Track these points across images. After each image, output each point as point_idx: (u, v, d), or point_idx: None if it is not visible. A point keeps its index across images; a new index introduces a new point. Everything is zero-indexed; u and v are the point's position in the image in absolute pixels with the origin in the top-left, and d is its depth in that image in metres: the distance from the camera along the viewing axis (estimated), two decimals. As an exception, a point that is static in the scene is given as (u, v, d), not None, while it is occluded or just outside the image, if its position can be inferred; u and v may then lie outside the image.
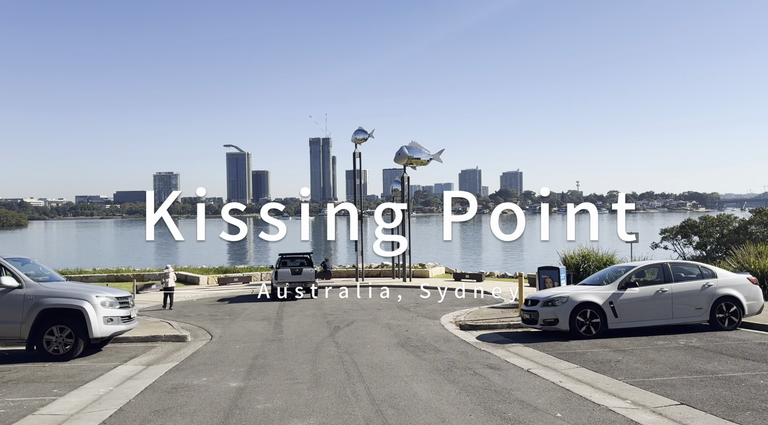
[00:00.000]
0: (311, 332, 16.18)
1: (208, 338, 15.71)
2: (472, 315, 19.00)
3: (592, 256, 22.42)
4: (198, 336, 16.22)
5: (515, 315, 18.58)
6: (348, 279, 36.67)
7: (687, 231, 52.62)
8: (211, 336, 15.95)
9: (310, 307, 23.18)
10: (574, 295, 14.50)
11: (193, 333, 16.65)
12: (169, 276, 24.26)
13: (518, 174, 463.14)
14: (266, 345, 13.95)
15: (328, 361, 11.71)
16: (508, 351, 12.91)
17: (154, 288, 32.28)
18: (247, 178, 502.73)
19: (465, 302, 24.25)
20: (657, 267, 15.33)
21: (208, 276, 36.48)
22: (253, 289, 31.44)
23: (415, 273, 36.39)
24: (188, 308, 24.05)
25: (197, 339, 15.63)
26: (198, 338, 15.79)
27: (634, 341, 13.50)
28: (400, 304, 23.54)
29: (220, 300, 27.44)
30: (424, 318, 19.12)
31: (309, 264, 28.53)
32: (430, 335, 15.38)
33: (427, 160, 36.11)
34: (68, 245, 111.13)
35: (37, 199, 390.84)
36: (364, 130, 37.11)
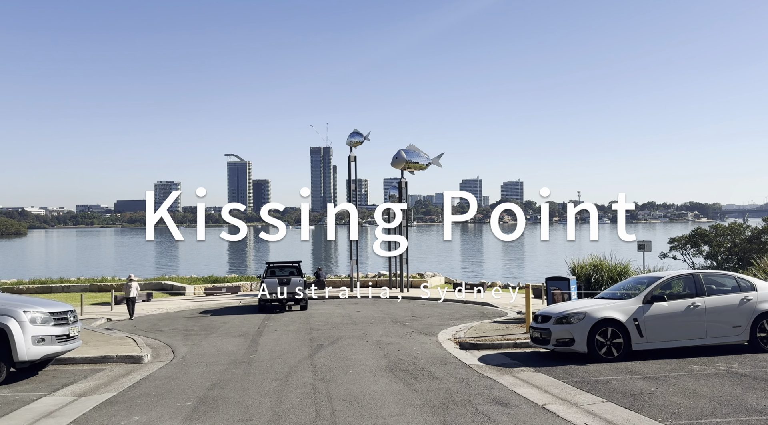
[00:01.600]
0: (289, 351, 14.14)
1: (170, 359, 13.66)
2: (473, 331, 16.96)
3: (604, 266, 20.34)
4: (159, 355, 14.18)
5: (521, 331, 16.54)
6: (342, 289, 34.57)
7: (697, 241, 50.55)
8: (174, 357, 13.90)
9: (296, 321, 21.15)
10: (592, 311, 12.44)
11: (155, 352, 14.62)
12: (132, 286, 23.50)
13: (519, 183, 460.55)
14: (231, 370, 11.91)
15: (297, 393, 9.65)
16: (517, 378, 10.85)
17: (137, 299, 30.29)
18: (248, 187, 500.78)
19: (465, 315, 22.22)
20: (687, 278, 13.26)
21: (194, 286, 34.47)
22: (240, 300, 29.52)
23: (413, 284, 34.33)
24: (165, 321, 22.06)
25: (157, 359, 13.58)
26: (158, 358, 13.74)
27: (664, 365, 11.44)
28: (394, 317, 21.51)
29: (203, 312, 25.43)
30: (420, 334, 17.07)
31: (298, 274, 26.51)
32: (424, 356, 13.33)
33: (426, 165, 34.10)
34: (61, 254, 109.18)
35: (38, 208, 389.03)
36: (360, 133, 35.17)
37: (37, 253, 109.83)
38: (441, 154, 35.02)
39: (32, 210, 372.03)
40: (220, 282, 37.22)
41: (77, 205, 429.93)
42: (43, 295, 33.05)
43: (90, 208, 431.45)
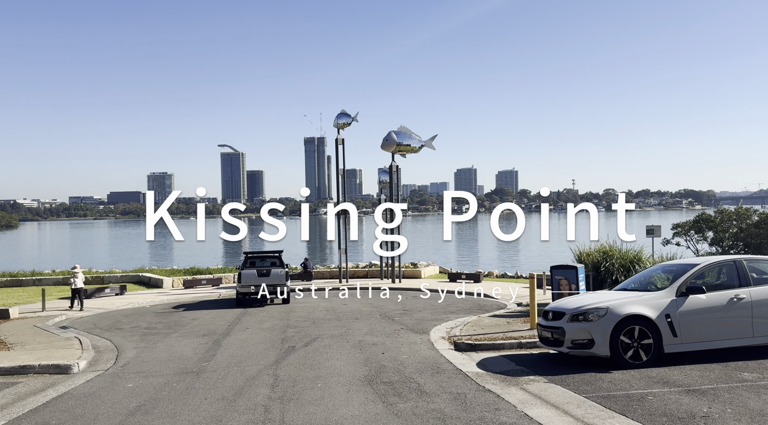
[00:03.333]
0: (252, 356, 11.94)
1: (107, 367, 11.43)
2: (471, 327, 14.81)
3: (614, 253, 18.14)
4: (98, 362, 11.96)
5: (525, 327, 14.39)
6: (331, 280, 32.43)
7: (701, 226, 48.63)
8: (114, 364, 11.68)
9: (274, 316, 18.99)
10: (616, 306, 10.26)
11: (96, 357, 12.41)
12: (77, 277, 22.29)
13: (514, 172, 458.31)
14: (173, 383, 9.69)
15: (241, 421, 7.45)
16: (526, 391, 8.69)
17: (108, 293, 28.17)
18: (242, 177, 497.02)
19: (461, 307, 20.11)
20: (727, 265, 11.06)
21: (173, 279, 32.23)
22: (220, 293, 27.35)
23: (406, 274, 32.17)
24: (131, 317, 19.90)
25: (92, 368, 11.36)
26: (94, 366, 11.52)
27: (706, 373, 9.31)
28: (383, 311, 19.37)
29: (177, 306, 23.28)
30: (410, 331, 14.90)
31: (280, 265, 24.26)
32: (413, 360, 11.16)
33: (418, 147, 31.76)
34: (46, 246, 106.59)
35: (31, 200, 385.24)
36: (347, 114, 32.80)
37: (21, 246, 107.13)
38: (434, 136, 32.71)
39: (25, 202, 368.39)
40: (202, 273, 34.97)
41: (70, 197, 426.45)
42: (12, 289, 30.80)
43: (83, 199, 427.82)
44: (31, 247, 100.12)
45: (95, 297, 27.19)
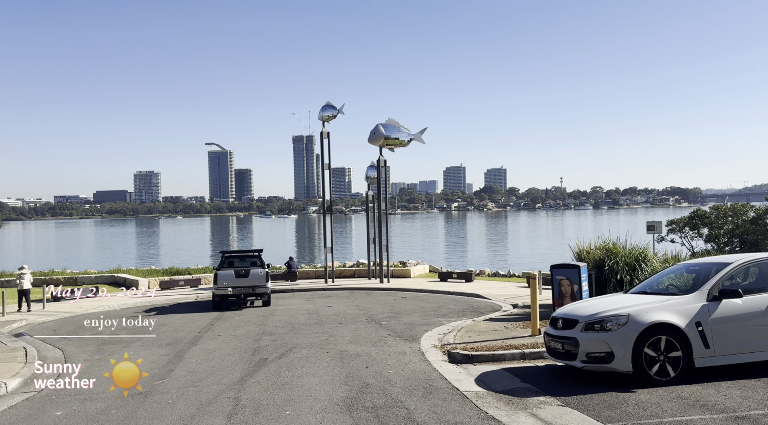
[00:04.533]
0: (216, 372, 10.35)
1: (44, 385, 9.77)
2: (465, 333, 13.31)
3: (618, 250, 16.60)
4: (38, 378, 10.22)
5: (525, 333, 12.93)
6: (317, 280, 30.83)
7: (696, 223, 47.61)
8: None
9: (250, 321, 17.41)
10: (638, 313, 8.78)
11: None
12: (24, 278, 21.57)
13: (502, 170, 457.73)
14: (113, 409, 8.09)
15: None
16: (538, 418, 7.18)
17: (79, 295, 26.41)
18: (230, 176, 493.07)
19: (453, 309, 18.64)
20: (763, 264, 9.63)
21: (149, 279, 30.49)
22: (198, 295, 25.68)
23: (394, 273, 30.65)
24: (95, 322, 18.02)
25: (25, 387, 9.68)
26: (27, 386, 9.83)
27: (749, 391, 7.85)
28: (370, 314, 17.86)
29: (149, 310, 21.69)
30: (398, 338, 13.38)
31: (259, 265, 22.61)
32: (402, 376, 9.62)
33: (407, 141, 30.17)
34: (25, 246, 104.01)
35: (15, 200, 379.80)
36: (333, 106, 31.15)
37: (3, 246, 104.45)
38: (424, 130, 31.17)
39: (8, 201, 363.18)
40: (181, 274, 33.25)
41: (55, 196, 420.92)
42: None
43: (69, 198, 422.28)
44: (6, 247, 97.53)
45: (64, 299, 25.44)
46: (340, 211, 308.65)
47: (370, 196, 32.90)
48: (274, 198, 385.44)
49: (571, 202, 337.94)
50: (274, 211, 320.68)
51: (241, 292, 21.24)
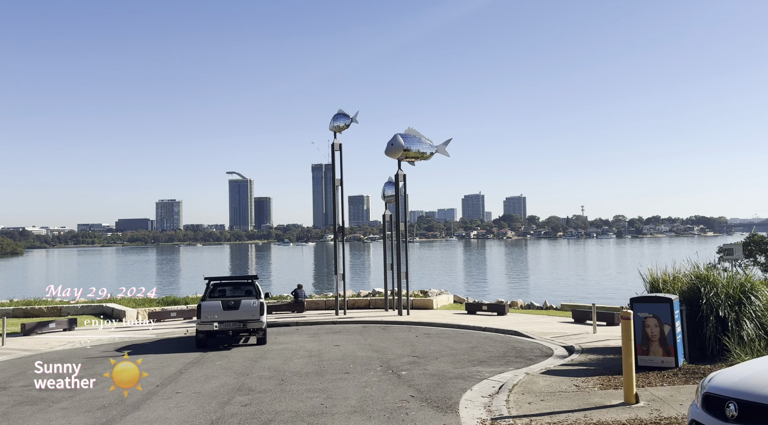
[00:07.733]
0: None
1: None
2: (522, 397, 9.37)
3: (717, 280, 12.48)
4: None
5: (613, 400, 8.95)
6: (327, 312, 27.02)
7: (752, 249, 43.16)
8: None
9: (231, 368, 13.63)
10: None
11: None
12: None
13: (522, 199, 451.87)
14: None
15: None
16: None
17: (54, 327, 23.09)
18: (250, 204, 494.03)
19: (493, 353, 14.70)
20: None
21: (138, 310, 26.93)
22: (188, 329, 21.96)
23: (415, 304, 26.74)
24: (42, 367, 14.49)
25: None
26: None
27: None
28: (385, 359, 14.01)
29: (123, 347, 18.13)
30: (425, 403, 9.47)
31: (254, 294, 18.81)
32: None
33: (429, 154, 26.38)
34: (38, 273, 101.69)
35: (39, 228, 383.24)
36: (346, 115, 27.73)
37: (12, 274, 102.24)
38: (448, 141, 27.25)
39: (33, 230, 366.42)
40: (178, 303, 29.70)
41: (78, 224, 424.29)
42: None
43: (91, 227, 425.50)
44: (12, 276, 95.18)
45: (36, 333, 22.08)
46: (358, 238, 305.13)
47: (387, 216, 29.18)
48: (293, 226, 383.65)
49: (593, 230, 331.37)
50: (292, 239, 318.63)
51: (230, 328, 17.45)
